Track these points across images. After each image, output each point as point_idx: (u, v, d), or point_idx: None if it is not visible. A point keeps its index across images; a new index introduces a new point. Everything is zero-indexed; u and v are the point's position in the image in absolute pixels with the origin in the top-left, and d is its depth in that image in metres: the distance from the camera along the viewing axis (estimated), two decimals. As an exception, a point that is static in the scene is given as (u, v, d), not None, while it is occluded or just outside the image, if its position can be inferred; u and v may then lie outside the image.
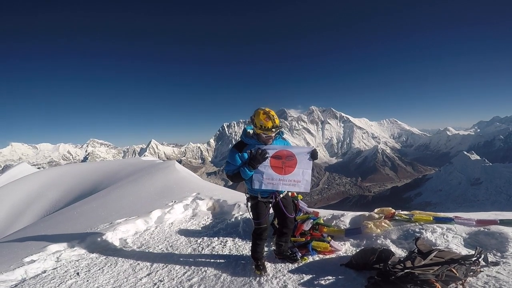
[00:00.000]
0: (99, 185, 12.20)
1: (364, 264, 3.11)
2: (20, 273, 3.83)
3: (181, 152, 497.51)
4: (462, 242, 3.44)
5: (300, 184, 3.29)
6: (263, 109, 3.06)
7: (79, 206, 8.56)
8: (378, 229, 3.95)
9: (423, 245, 3.06)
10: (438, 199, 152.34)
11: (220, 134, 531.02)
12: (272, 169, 3.21)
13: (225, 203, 6.36)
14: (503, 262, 2.93)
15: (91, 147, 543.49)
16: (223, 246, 4.36)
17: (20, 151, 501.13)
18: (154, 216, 5.92)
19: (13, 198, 13.26)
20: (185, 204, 6.64)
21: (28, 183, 14.61)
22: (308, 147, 3.32)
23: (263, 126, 3.01)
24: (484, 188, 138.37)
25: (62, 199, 12.38)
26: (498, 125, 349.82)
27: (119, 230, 5.15)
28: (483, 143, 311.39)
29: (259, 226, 3.35)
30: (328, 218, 4.72)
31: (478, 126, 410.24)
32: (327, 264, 3.43)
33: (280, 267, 3.45)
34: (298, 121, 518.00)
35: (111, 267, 3.95)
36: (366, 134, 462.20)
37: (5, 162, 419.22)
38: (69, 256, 4.35)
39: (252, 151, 3.11)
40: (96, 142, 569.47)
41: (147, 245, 4.75)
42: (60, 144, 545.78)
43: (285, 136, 3.47)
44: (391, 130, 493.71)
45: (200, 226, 5.60)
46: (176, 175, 10.38)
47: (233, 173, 3.18)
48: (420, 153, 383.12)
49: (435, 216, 4.03)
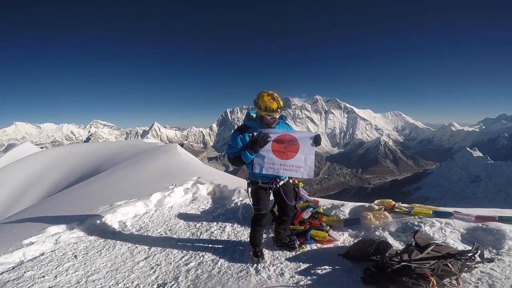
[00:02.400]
0: (101, 166, 12.26)
1: (362, 255, 3.12)
2: (18, 256, 3.82)
3: (183, 136, 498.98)
4: (459, 237, 3.44)
5: (302, 170, 3.19)
6: (267, 91, 3.03)
7: (80, 188, 8.62)
8: (377, 220, 3.93)
9: (421, 239, 3.06)
10: (437, 194, 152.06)
11: (223, 120, 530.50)
12: (273, 154, 3.15)
13: (226, 188, 6.35)
14: (498, 259, 2.93)
15: (94, 128, 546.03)
16: (222, 232, 4.39)
17: (24, 130, 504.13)
18: (154, 199, 5.95)
19: (16, 179, 13.39)
20: (186, 188, 6.66)
21: (31, 163, 14.73)
22: (311, 132, 3.27)
23: (268, 107, 2.97)
24: (483, 186, 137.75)
25: (64, 180, 12.48)
26: (504, 123, 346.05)
27: (119, 213, 5.18)
28: (487, 140, 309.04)
29: (259, 212, 3.35)
30: (327, 207, 4.71)
31: (484, 122, 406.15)
32: (325, 254, 3.44)
33: (278, 255, 3.47)
34: (302, 110, 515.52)
35: (109, 250, 3.97)
36: (369, 125, 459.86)
37: (9, 141, 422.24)
38: (67, 238, 4.36)
39: (254, 134, 3.08)
40: (99, 123, 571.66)
41: (146, 229, 4.79)
42: (64, 124, 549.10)
43: (288, 121, 3.42)
44: (395, 123, 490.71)
45: (200, 210, 5.62)
46: (177, 158, 10.38)
47: (234, 156, 3.16)
48: (423, 147, 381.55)
49: (435, 210, 4.01)
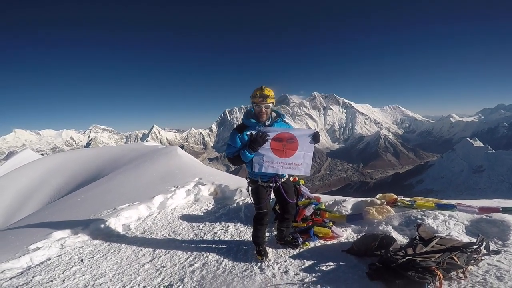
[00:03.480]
0: (102, 171, 12.27)
1: (366, 251, 3.11)
2: (26, 261, 3.86)
3: (183, 138, 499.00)
4: (464, 229, 3.42)
5: (300, 167, 3.23)
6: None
7: (83, 193, 8.63)
8: (380, 215, 3.93)
9: (425, 232, 3.05)
10: (440, 186, 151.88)
11: (222, 120, 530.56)
12: (272, 152, 3.16)
13: (227, 188, 6.36)
14: (505, 251, 2.89)
15: (94, 133, 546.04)
16: (225, 232, 4.39)
17: (24, 138, 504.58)
18: (157, 201, 5.96)
19: (18, 185, 13.40)
20: (187, 189, 6.66)
21: (32, 170, 14.72)
22: (310, 129, 3.26)
23: (252, 95, 3.08)
24: (486, 176, 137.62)
25: (65, 186, 12.49)
26: (503, 112, 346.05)
27: (122, 216, 5.19)
28: (486, 130, 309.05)
29: (260, 211, 3.35)
30: (330, 203, 4.71)
31: (482, 113, 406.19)
32: (329, 250, 3.44)
33: (282, 253, 3.47)
34: (300, 107, 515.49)
35: (114, 253, 3.99)
36: (368, 120, 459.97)
37: (9, 148, 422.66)
38: (73, 243, 4.39)
39: (253, 133, 3.08)
40: (99, 128, 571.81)
41: (150, 231, 4.79)
42: (63, 130, 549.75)
43: (286, 120, 3.41)
44: (393, 116, 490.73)
45: (202, 211, 5.63)
46: (178, 160, 10.39)
47: (234, 156, 3.16)
48: (423, 139, 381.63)
49: (437, 202, 4.00)
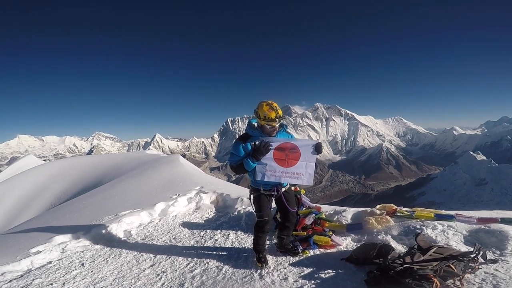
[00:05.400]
0: (103, 178, 12.32)
1: (364, 259, 3.15)
2: (26, 264, 3.89)
3: (185, 147, 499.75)
4: (462, 239, 3.46)
5: (302, 177, 3.30)
6: (266, 101, 3.14)
7: (84, 199, 8.67)
8: (379, 225, 3.97)
9: (423, 241, 3.09)
10: (442, 199, 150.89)
11: (224, 129, 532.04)
12: (275, 161, 3.24)
13: (228, 197, 6.41)
14: (502, 260, 2.94)
15: (97, 140, 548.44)
16: (226, 239, 4.43)
17: (27, 143, 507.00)
18: (158, 208, 6.00)
19: (19, 190, 13.46)
20: (189, 197, 6.71)
21: (34, 175, 14.81)
22: (312, 140, 3.35)
23: (267, 117, 3.08)
24: (489, 189, 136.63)
25: (67, 192, 12.53)
26: (506, 126, 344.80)
27: (124, 222, 5.23)
28: (490, 143, 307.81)
29: (261, 219, 3.40)
30: (330, 213, 4.75)
31: (486, 126, 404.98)
32: (328, 258, 3.48)
33: (281, 260, 3.51)
34: (303, 118, 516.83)
35: (115, 258, 4.03)
36: (371, 132, 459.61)
37: (12, 154, 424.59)
38: (74, 247, 4.43)
39: (256, 143, 3.17)
40: (102, 135, 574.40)
41: (151, 237, 4.83)
42: (66, 137, 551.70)
43: (289, 130, 3.50)
44: (396, 129, 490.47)
45: (203, 219, 5.67)
46: (180, 169, 10.45)
47: (237, 164, 3.23)
48: (425, 152, 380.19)
49: (436, 213, 4.04)
